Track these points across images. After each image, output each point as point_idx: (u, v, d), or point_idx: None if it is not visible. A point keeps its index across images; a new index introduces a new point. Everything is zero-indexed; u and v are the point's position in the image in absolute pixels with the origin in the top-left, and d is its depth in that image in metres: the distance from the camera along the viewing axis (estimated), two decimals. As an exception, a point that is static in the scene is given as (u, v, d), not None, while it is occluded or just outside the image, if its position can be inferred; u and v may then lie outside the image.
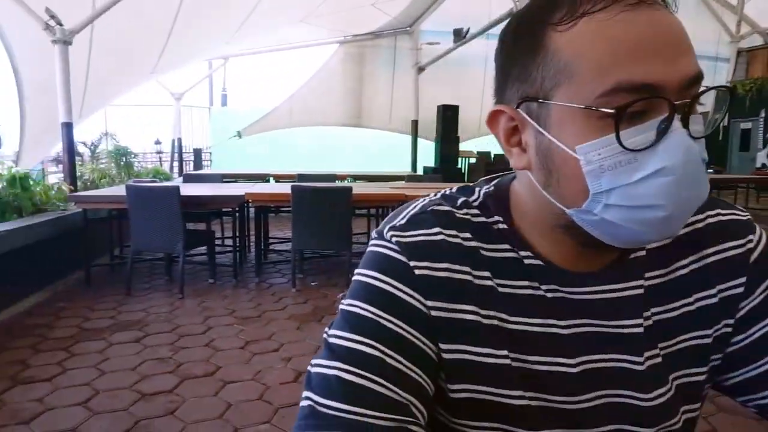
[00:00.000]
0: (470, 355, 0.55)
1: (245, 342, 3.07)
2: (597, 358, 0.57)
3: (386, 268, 0.56)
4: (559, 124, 0.49)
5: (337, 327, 0.54)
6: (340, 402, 0.48)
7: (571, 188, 0.50)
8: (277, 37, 11.20)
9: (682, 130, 0.46)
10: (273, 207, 6.23)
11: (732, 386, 0.61)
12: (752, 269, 0.59)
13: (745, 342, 0.59)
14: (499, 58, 0.55)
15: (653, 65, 0.44)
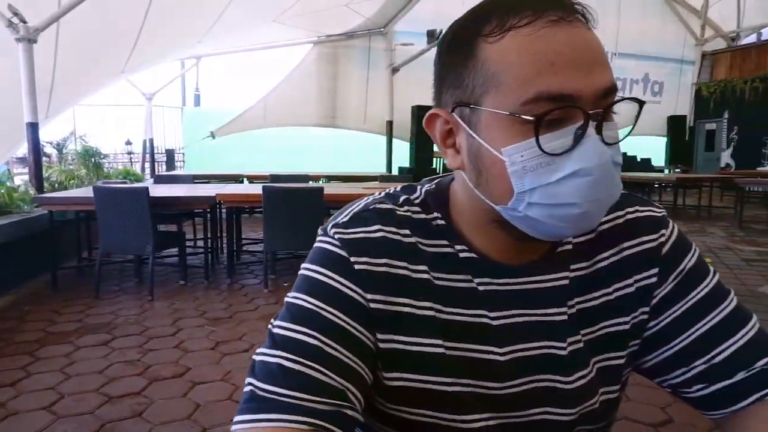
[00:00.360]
0: (405, 345, 0.58)
1: (216, 343, 3.05)
2: (524, 346, 0.60)
3: (328, 262, 0.58)
4: (488, 128, 0.53)
5: (281, 318, 0.57)
6: (279, 387, 0.51)
7: (499, 187, 0.54)
8: (250, 37, 11.13)
9: (596, 136, 0.50)
10: (247, 208, 6.21)
11: (649, 368, 0.66)
12: (663, 260, 0.64)
13: (659, 327, 0.63)
14: (437, 64, 0.59)
15: (570, 77, 0.49)
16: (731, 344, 0.59)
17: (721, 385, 0.59)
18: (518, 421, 0.61)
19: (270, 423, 0.49)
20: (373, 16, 11.60)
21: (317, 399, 0.51)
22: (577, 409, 0.61)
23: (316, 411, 0.50)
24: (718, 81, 13.55)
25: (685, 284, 0.63)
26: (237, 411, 0.52)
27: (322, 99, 12.41)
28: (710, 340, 0.60)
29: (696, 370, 0.60)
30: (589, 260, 0.63)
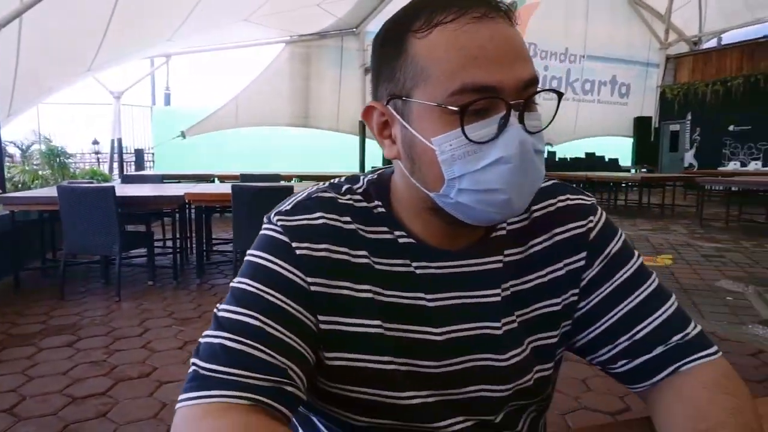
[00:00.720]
0: (344, 326, 0.61)
1: (184, 342, 3.03)
2: (460, 327, 0.64)
3: (271, 248, 0.61)
4: (419, 119, 0.57)
5: (225, 303, 0.60)
6: (221, 365, 0.53)
7: (431, 175, 0.58)
8: (221, 36, 11.02)
9: (518, 125, 0.54)
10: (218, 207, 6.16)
11: (580, 347, 0.70)
12: (591, 245, 0.68)
13: (587, 308, 0.68)
14: (372, 59, 0.63)
15: (492, 70, 0.53)
16: (651, 321, 0.64)
17: (642, 360, 0.64)
18: (456, 398, 0.64)
19: (212, 399, 0.52)
20: (345, 16, 11.62)
21: (258, 376, 0.53)
22: (512, 385, 0.65)
23: (257, 387, 0.53)
24: (682, 84, 13.97)
25: (611, 267, 0.67)
26: (181, 391, 0.54)
27: (294, 99, 12.36)
28: (633, 318, 0.65)
29: (620, 346, 0.65)
30: (523, 246, 0.68)
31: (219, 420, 0.50)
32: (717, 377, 0.60)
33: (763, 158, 12.10)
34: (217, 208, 6.13)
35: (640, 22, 14.25)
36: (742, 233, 7.10)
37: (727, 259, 5.35)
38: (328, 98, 12.63)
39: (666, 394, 0.62)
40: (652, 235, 6.96)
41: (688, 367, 0.62)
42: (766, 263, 5.17)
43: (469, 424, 0.65)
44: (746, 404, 0.56)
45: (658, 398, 0.63)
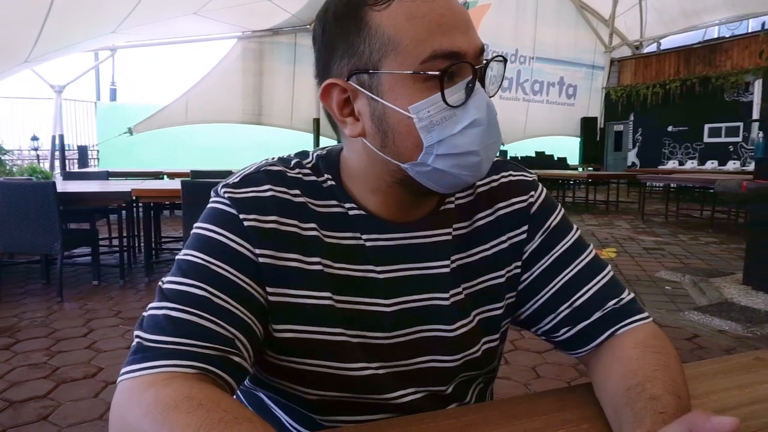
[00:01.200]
0: (293, 298, 0.61)
1: (131, 343, 2.93)
2: (409, 298, 0.65)
3: (217, 220, 0.60)
4: (391, 90, 0.57)
5: (171, 275, 0.59)
6: (166, 335, 0.53)
7: (407, 144, 0.59)
8: (171, 30, 10.69)
9: (482, 89, 0.58)
10: (167, 204, 5.98)
11: (524, 319, 0.73)
12: (532, 218, 0.71)
13: (529, 279, 0.70)
14: (321, 38, 0.62)
15: (455, 37, 0.56)
16: (588, 289, 0.67)
17: (582, 326, 0.67)
18: (406, 369, 0.66)
19: (156, 370, 0.51)
20: (298, 12, 11.50)
21: (204, 344, 0.53)
22: (460, 356, 0.67)
23: (203, 356, 0.52)
24: (625, 86, 14.58)
25: (551, 239, 0.70)
26: (123, 364, 0.53)
27: (247, 95, 12.15)
28: (572, 287, 0.68)
29: (562, 314, 0.68)
30: (468, 220, 0.69)
31: (163, 389, 0.49)
32: (646, 338, 0.64)
33: (699, 157, 12.78)
34: (166, 205, 5.97)
35: (586, 26, 14.77)
36: (680, 227, 7.48)
37: (666, 252, 5.63)
38: (281, 95, 12.48)
39: (603, 357, 0.65)
40: (598, 230, 7.24)
41: (622, 331, 0.65)
42: (700, 255, 5.47)
43: (419, 395, 0.67)
44: (672, 361, 0.60)
45: (596, 362, 0.66)
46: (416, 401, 0.66)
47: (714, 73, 12.43)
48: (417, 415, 0.61)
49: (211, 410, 0.46)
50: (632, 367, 0.59)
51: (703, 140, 12.78)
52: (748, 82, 11.61)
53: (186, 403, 0.47)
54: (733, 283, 4.13)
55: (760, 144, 3.85)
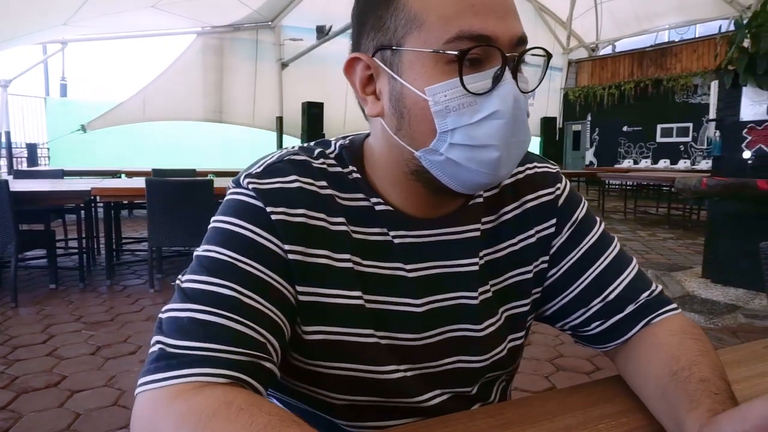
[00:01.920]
0: (323, 297, 0.58)
1: (96, 348, 2.80)
2: (440, 297, 0.63)
3: (242, 213, 0.56)
4: (410, 69, 0.54)
5: (190, 272, 0.54)
6: (192, 340, 0.48)
7: (421, 129, 0.55)
8: (127, 23, 10.32)
9: (512, 80, 0.53)
10: (126, 203, 5.77)
11: (550, 315, 0.71)
12: (560, 212, 0.69)
13: (558, 274, 0.69)
14: (355, 10, 0.60)
15: (488, 19, 0.51)
16: (620, 282, 0.66)
17: (616, 319, 0.66)
18: (434, 370, 0.63)
19: (185, 379, 0.46)
20: (260, 8, 11.31)
21: (234, 350, 0.48)
22: (488, 356, 0.65)
23: (235, 363, 0.48)
24: (582, 87, 14.99)
25: (578, 233, 0.69)
26: (141, 374, 0.48)
27: (207, 93, 11.86)
28: (603, 281, 0.67)
29: (594, 309, 0.67)
30: (495, 214, 0.67)
31: (195, 397, 0.45)
32: (683, 326, 0.63)
33: (652, 156, 13.28)
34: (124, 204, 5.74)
35: (545, 28, 15.11)
36: (638, 224, 7.74)
37: (628, 248, 5.80)
38: (243, 93, 12.24)
39: (638, 347, 0.64)
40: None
41: (655, 321, 0.64)
42: (660, 250, 5.67)
43: (446, 396, 0.64)
44: (709, 346, 0.60)
45: (630, 353, 0.65)
46: (442, 403, 0.64)
47: (665, 76, 12.95)
48: (453, 415, 0.59)
49: (255, 414, 0.42)
50: (675, 353, 0.58)
51: (656, 140, 13.28)
52: (696, 85, 12.14)
53: (225, 409, 0.43)
54: (693, 276, 4.29)
55: (717, 143, 4.00)
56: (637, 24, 14.21)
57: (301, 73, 12.19)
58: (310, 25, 11.03)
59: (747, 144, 3.78)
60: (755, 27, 3.50)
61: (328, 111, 10.91)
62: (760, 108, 3.65)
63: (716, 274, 4.05)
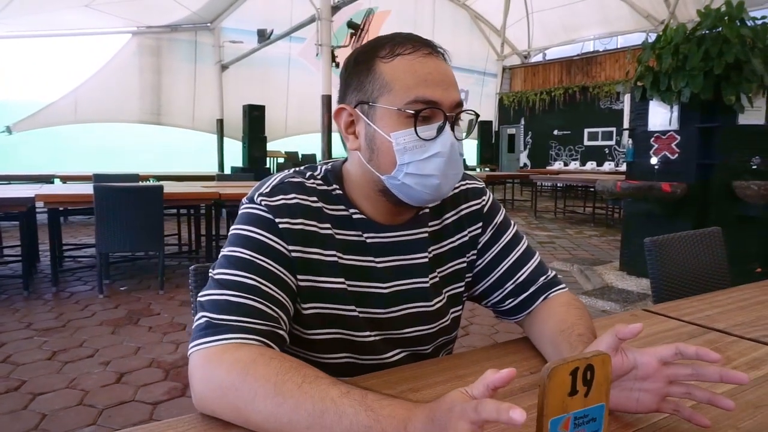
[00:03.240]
0: (316, 283, 0.80)
1: (52, 352, 2.84)
2: (401, 282, 0.86)
3: (258, 223, 0.77)
4: (381, 120, 0.78)
5: (220, 267, 0.75)
6: (230, 315, 0.69)
7: (386, 161, 0.78)
8: (56, 22, 9.93)
9: (450, 132, 0.77)
10: (62, 210, 5.65)
11: (477, 295, 0.96)
12: (485, 217, 0.95)
13: (482, 264, 0.94)
14: (343, 74, 0.84)
15: (435, 90, 0.76)
16: (526, 269, 0.92)
17: (523, 296, 0.91)
18: (397, 336, 0.86)
19: (228, 341, 0.67)
20: (199, 10, 11.18)
21: (259, 322, 0.70)
22: (436, 324, 0.89)
23: (261, 330, 0.69)
24: (516, 92, 15.75)
25: (498, 233, 0.94)
26: (192, 339, 0.69)
27: (144, 94, 11.57)
28: (514, 269, 0.92)
29: (508, 289, 0.92)
30: (439, 218, 0.92)
31: (237, 352, 0.65)
32: (569, 300, 0.90)
33: (581, 158, 14.15)
34: (61, 211, 5.63)
35: (480, 35, 15.76)
36: (567, 223, 8.32)
37: (557, 245, 6.30)
38: (182, 95, 12.03)
39: (538, 315, 0.89)
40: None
41: (550, 297, 0.91)
42: (585, 247, 6.18)
43: (404, 354, 0.88)
44: (586, 313, 0.86)
45: (532, 321, 0.91)
46: (402, 359, 0.87)
47: (591, 83, 13.85)
48: (409, 365, 0.83)
49: (282, 360, 0.64)
50: (562, 317, 0.84)
51: (583, 143, 14.17)
52: (618, 92, 13.08)
53: (261, 358, 0.64)
54: (611, 270, 4.76)
55: (630, 150, 4.48)
56: (565, 34, 15.09)
57: (242, 75, 12.13)
58: (250, 27, 11.00)
59: (654, 151, 4.27)
60: (659, 49, 3.97)
61: (270, 114, 10.91)
62: (664, 119, 4.14)
63: (630, 267, 4.53)
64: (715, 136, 3.94)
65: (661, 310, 1.12)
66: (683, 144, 4.08)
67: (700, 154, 4.01)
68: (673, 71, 3.82)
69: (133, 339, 3.05)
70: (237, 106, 11.13)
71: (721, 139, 3.92)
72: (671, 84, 3.84)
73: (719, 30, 3.67)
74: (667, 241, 1.59)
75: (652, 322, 1.05)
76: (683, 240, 1.62)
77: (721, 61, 3.56)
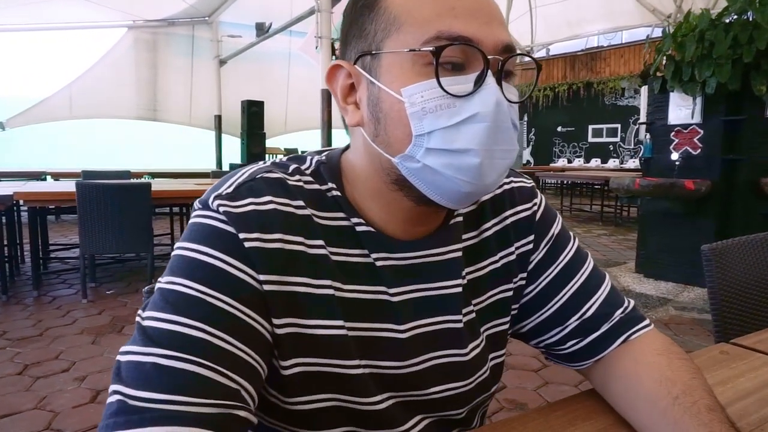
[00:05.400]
0: (304, 328, 0.54)
1: (24, 366, 2.59)
2: (424, 322, 0.60)
3: (212, 240, 0.51)
4: (388, 72, 0.52)
5: (153, 308, 0.48)
6: (156, 392, 0.43)
7: (397, 132, 0.52)
8: (49, 14, 9.69)
9: (495, 85, 0.50)
10: (52, 208, 5.42)
11: (527, 332, 0.70)
12: (537, 228, 0.68)
13: (534, 292, 0.68)
14: (343, 23, 0.58)
15: (469, 23, 0.49)
16: (596, 300, 0.66)
17: (592, 337, 0.65)
18: (419, 398, 0.60)
19: None
20: (196, 2, 10.92)
21: (204, 402, 0.44)
22: (473, 379, 0.63)
23: (204, 417, 0.43)
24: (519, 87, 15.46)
25: (555, 249, 0.68)
26: (101, 428, 0.43)
27: (140, 90, 11.32)
28: (579, 299, 0.66)
29: (571, 327, 0.66)
30: (476, 230, 0.65)
31: None
32: (665, 344, 0.64)
33: (585, 155, 13.90)
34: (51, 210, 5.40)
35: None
36: (574, 221, 8.07)
37: (566, 245, 6.04)
38: (179, 90, 11.78)
39: (621, 365, 0.63)
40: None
41: (633, 339, 0.64)
42: (596, 246, 5.93)
43: (430, 420, 0.62)
44: (695, 365, 0.61)
45: (610, 371, 0.64)
46: (426, 429, 0.62)
47: (595, 79, 13.59)
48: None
49: None
50: (668, 375, 0.58)
51: (587, 140, 13.91)
52: (623, 88, 12.82)
53: None
54: (627, 272, 4.51)
55: (648, 145, 4.22)
56: (569, 29, 14.81)
57: (240, 70, 11.88)
58: (249, 21, 10.73)
59: (674, 146, 4.01)
60: (680, 36, 3.72)
61: (269, 109, 10.65)
62: (686, 112, 3.89)
63: (647, 269, 4.28)
64: (742, 129, 3.69)
65: (755, 344, 0.87)
66: (706, 138, 3.83)
67: (725, 149, 3.76)
68: (697, 60, 3.56)
69: (114, 350, 2.80)
70: (235, 102, 10.87)
71: (747, 133, 3.67)
72: (695, 74, 3.58)
73: (748, 16, 3.41)
74: (728, 247, 1.34)
75: (749, 360, 0.80)
76: (746, 246, 1.37)
77: (750, 48, 3.30)
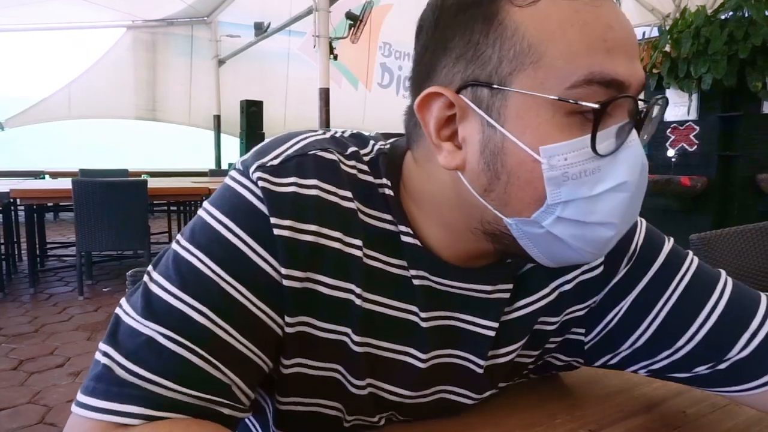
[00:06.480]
0: (314, 330, 0.49)
1: (19, 362, 2.59)
2: (446, 353, 0.54)
3: (241, 216, 0.46)
4: (518, 118, 0.41)
5: (163, 272, 0.46)
6: (144, 369, 0.42)
7: (523, 196, 0.43)
8: (49, 14, 9.70)
9: (638, 141, 0.42)
10: (50, 206, 5.43)
11: (619, 362, 0.59)
12: (637, 261, 0.57)
13: (618, 318, 0.57)
14: (431, 31, 0.46)
15: (621, 60, 0.40)
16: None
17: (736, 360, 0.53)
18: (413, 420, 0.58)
19: (126, 419, 0.41)
20: (195, 2, 10.92)
21: (189, 392, 0.42)
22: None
23: (183, 405, 0.42)
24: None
25: (661, 280, 0.57)
26: (81, 387, 0.43)
27: (139, 90, 11.33)
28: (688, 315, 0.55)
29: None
30: (549, 281, 0.56)
31: None
32: None
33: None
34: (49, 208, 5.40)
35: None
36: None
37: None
38: (178, 90, 11.78)
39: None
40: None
41: None
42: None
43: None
44: None
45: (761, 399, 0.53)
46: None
47: (595, 78, 13.61)
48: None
49: None
50: None
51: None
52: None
53: None
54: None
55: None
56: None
57: (239, 70, 11.88)
58: (247, 21, 10.73)
59: (670, 143, 4.01)
60: (676, 33, 3.72)
61: (268, 109, 10.67)
62: (682, 109, 3.89)
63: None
64: (738, 126, 3.69)
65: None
66: (702, 135, 3.83)
67: (721, 145, 3.76)
68: (693, 56, 3.56)
69: (110, 346, 2.81)
70: (234, 102, 10.88)
71: (744, 130, 3.67)
72: (691, 70, 3.58)
73: (743, 12, 3.41)
74: (716, 237, 1.34)
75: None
76: (736, 236, 1.37)
77: (746, 44, 3.29)
